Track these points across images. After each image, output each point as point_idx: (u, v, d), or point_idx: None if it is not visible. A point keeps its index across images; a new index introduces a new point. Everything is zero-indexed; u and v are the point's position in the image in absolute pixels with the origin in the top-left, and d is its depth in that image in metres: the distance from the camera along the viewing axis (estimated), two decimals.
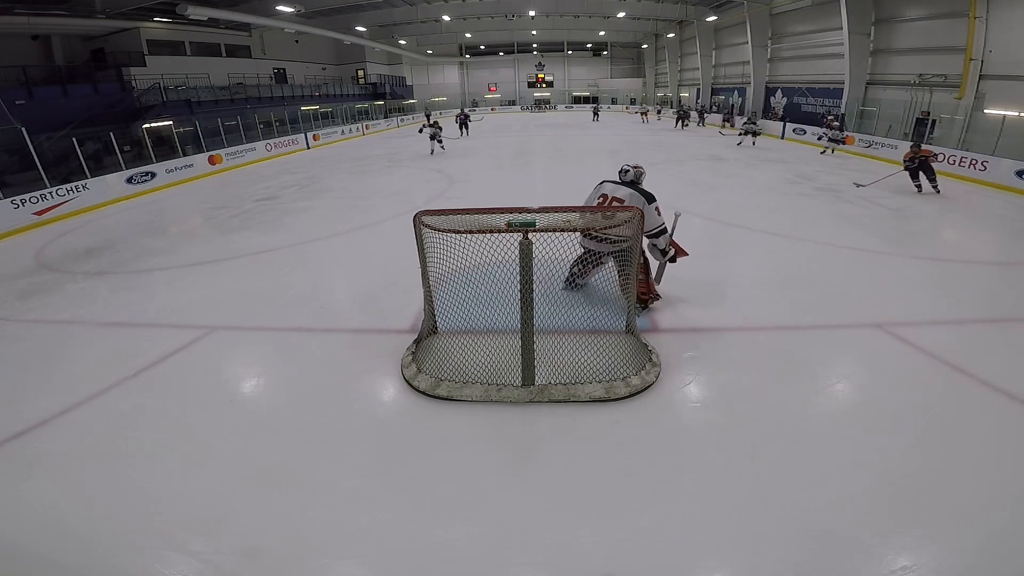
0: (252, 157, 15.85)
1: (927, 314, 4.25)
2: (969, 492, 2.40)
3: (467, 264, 3.26)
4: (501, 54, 41.93)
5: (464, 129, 21.16)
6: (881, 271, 5.28)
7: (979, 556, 2.09)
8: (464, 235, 3.16)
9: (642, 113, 29.05)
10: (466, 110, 26.01)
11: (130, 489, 2.59)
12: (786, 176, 10.79)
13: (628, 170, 4.28)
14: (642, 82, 41.21)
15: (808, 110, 20.33)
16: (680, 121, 23.15)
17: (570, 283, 4.43)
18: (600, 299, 4.37)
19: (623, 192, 4.15)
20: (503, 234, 3.01)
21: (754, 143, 16.17)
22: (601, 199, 4.22)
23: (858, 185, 9.43)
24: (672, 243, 4.34)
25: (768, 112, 22.91)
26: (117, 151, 11.49)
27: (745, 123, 16.32)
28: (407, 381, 3.33)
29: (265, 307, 4.74)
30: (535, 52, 41.25)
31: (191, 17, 17.16)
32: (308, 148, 19.24)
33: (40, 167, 9.50)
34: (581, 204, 4.36)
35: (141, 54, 20.27)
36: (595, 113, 31.37)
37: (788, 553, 2.12)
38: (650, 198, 4.06)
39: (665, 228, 4.18)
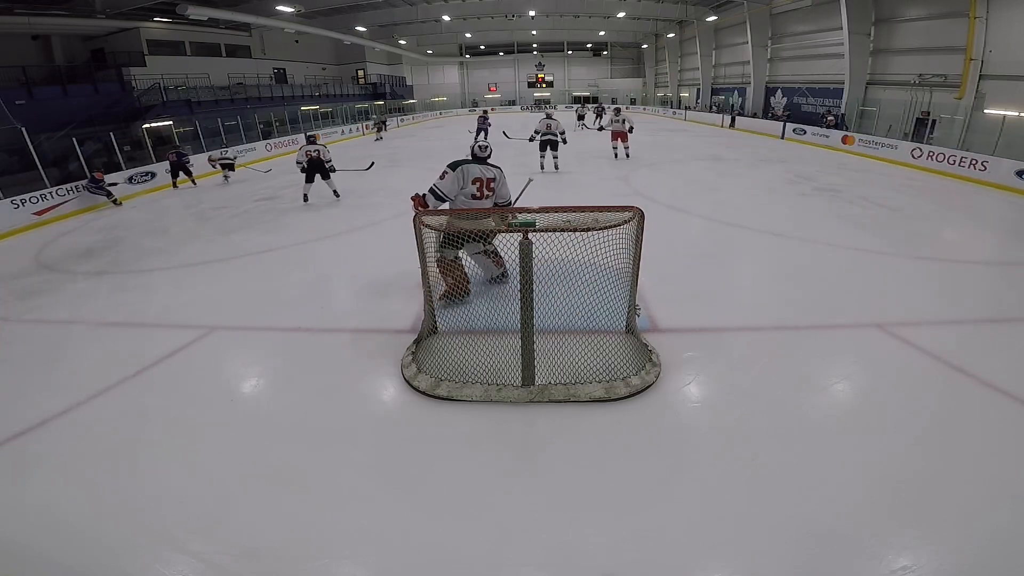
0: (252, 157, 15.83)
1: (927, 314, 4.25)
2: (969, 492, 2.39)
3: (467, 264, 3.26)
4: (501, 54, 41.96)
5: (226, 174, 11.81)
6: (881, 271, 5.28)
7: (979, 556, 2.09)
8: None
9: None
10: (222, 155, 12.54)
11: (130, 489, 2.59)
12: (786, 176, 10.79)
13: (486, 146, 4.48)
14: (642, 82, 41.24)
15: (808, 110, 20.34)
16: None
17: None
18: (600, 299, 4.36)
19: (492, 171, 4.31)
20: (503, 234, 3.01)
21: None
22: (477, 183, 4.24)
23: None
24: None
25: (768, 112, 22.92)
26: (117, 151, 11.49)
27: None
28: (407, 381, 3.33)
29: (265, 307, 4.74)
30: (535, 52, 41.26)
31: (191, 17, 17.21)
32: None
33: (40, 167, 9.49)
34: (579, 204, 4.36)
35: (141, 54, 20.34)
36: (580, 117, 23.39)
37: (788, 553, 2.12)
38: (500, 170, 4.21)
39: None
